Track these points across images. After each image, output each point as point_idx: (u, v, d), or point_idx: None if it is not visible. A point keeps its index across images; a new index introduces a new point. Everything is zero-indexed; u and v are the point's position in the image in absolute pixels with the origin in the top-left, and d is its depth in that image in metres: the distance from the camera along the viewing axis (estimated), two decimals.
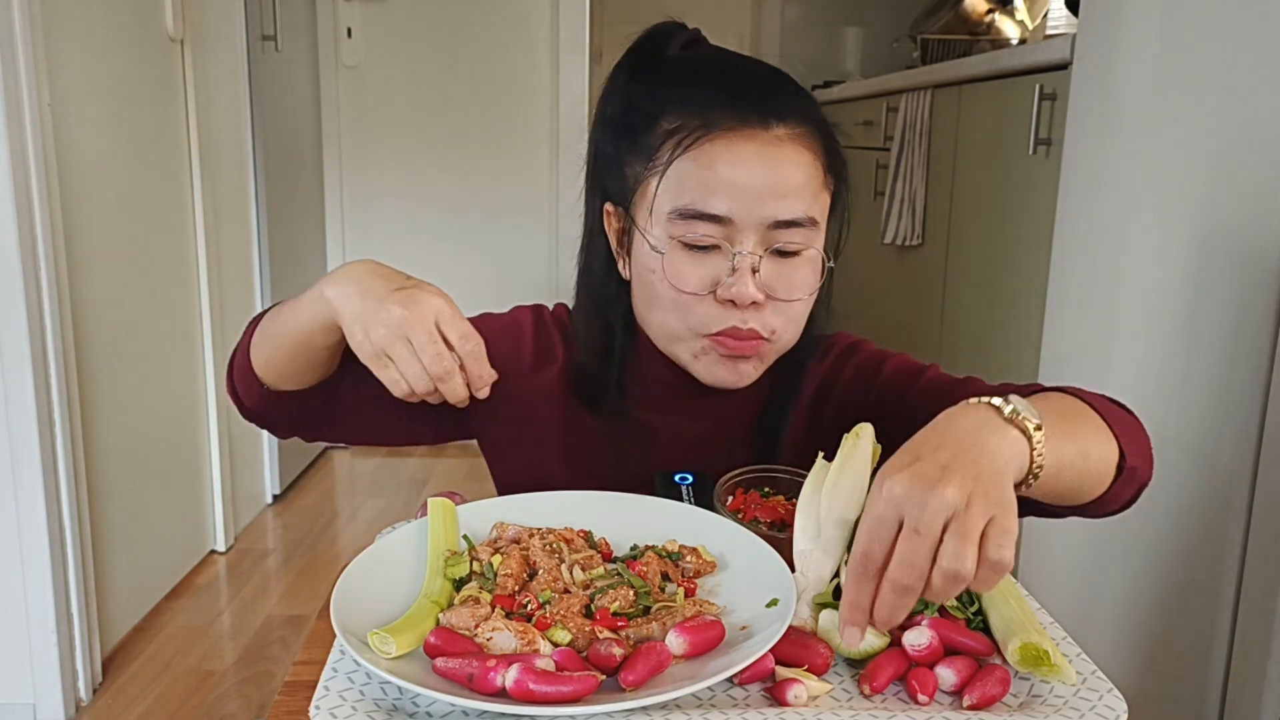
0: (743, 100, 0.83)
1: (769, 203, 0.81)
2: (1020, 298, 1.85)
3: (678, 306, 0.85)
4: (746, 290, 0.82)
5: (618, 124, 0.89)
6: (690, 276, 0.83)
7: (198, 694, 1.95)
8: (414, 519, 0.82)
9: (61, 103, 1.84)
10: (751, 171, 0.81)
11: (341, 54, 3.28)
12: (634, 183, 0.87)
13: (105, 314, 2.02)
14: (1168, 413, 1.55)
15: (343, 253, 3.38)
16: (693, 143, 0.82)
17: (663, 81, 0.87)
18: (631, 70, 0.90)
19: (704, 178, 0.82)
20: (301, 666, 0.70)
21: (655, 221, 0.85)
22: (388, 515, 2.76)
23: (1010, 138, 1.91)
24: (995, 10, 3.10)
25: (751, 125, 0.82)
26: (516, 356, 0.95)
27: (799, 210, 0.82)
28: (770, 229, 0.82)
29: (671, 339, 0.88)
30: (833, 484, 0.74)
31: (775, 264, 0.84)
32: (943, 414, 0.66)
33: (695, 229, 0.82)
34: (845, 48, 4.32)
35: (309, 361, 0.87)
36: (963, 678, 0.64)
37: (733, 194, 0.81)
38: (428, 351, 0.76)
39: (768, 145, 0.82)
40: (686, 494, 0.87)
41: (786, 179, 0.82)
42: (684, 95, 0.84)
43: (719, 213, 0.81)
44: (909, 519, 0.59)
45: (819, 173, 0.85)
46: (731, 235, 0.82)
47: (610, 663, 0.63)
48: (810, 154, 0.84)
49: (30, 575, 1.81)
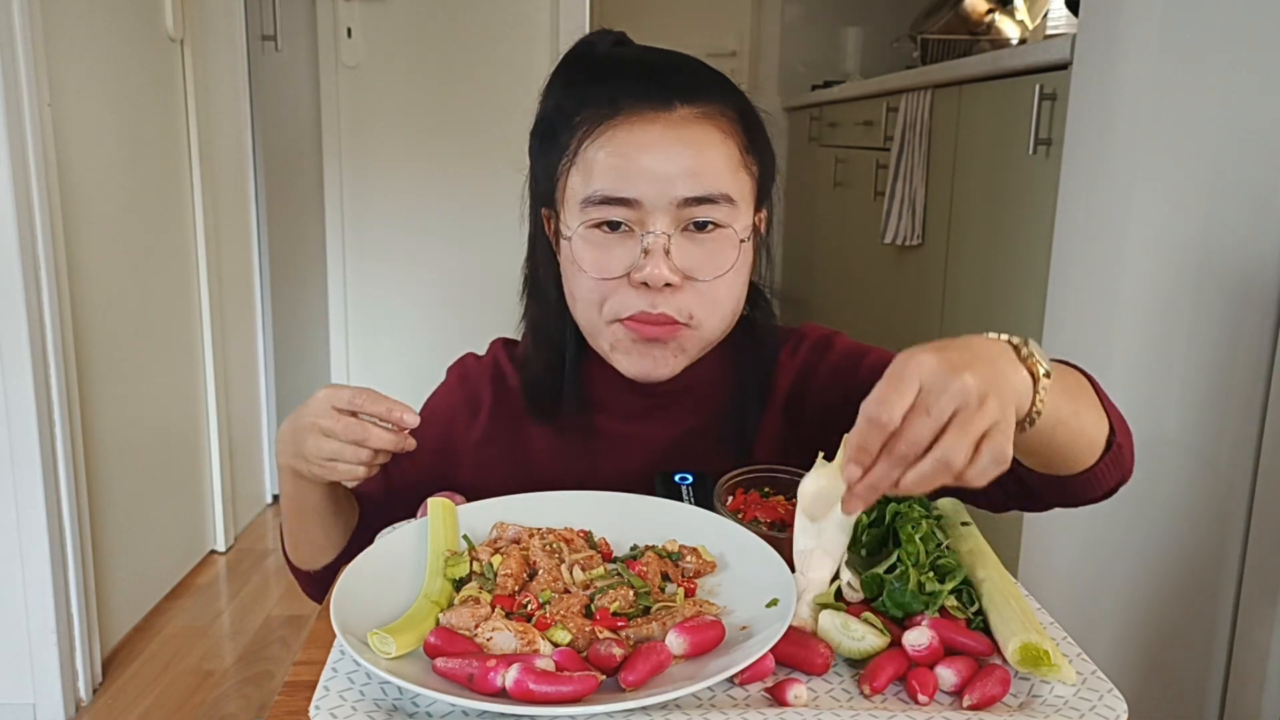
0: (645, 84, 0.83)
1: (677, 181, 0.81)
2: (1020, 298, 1.85)
3: (594, 295, 0.85)
4: (659, 272, 0.81)
5: (543, 128, 0.90)
6: (603, 262, 0.84)
7: (198, 694, 1.95)
8: (414, 519, 0.82)
9: (61, 103, 1.84)
10: (658, 151, 0.81)
11: (341, 54, 3.28)
12: (554, 181, 0.87)
13: (105, 314, 2.02)
14: (1168, 413, 1.55)
15: (342, 252, 3.38)
16: (598, 130, 0.83)
17: (578, 81, 0.88)
18: (557, 77, 0.91)
19: (611, 163, 0.82)
20: (301, 666, 0.70)
21: (570, 212, 0.85)
22: None
23: (1010, 138, 1.91)
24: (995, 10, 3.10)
25: (655, 108, 0.82)
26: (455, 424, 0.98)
27: (710, 187, 0.82)
28: (681, 207, 0.82)
29: (593, 332, 0.88)
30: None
31: (690, 243, 0.83)
32: (961, 337, 0.67)
33: (605, 213, 0.83)
34: (845, 48, 4.31)
35: (321, 525, 0.92)
36: (963, 678, 0.64)
37: (640, 176, 0.81)
38: (334, 427, 0.80)
39: (672, 126, 0.82)
40: (686, 494, 0.87)
41: (694, 156, 0.82)
42: (593, 89, 0.85)
43: (628, 195, 0.82)
44: (927, 394, 0.61)
45: (733, 151, 0.84)
46: (642, 218, 0.82)
47: (610, 663, 0.63)
48: (720, 133, 0.84)
49: (30, 575, 1.81)
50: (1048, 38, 2.50)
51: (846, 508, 0.66)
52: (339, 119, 3.31)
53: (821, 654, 0.66)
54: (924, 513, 0.74)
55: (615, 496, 0.85)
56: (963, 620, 0.69)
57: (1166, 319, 1.54)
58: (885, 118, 2.77)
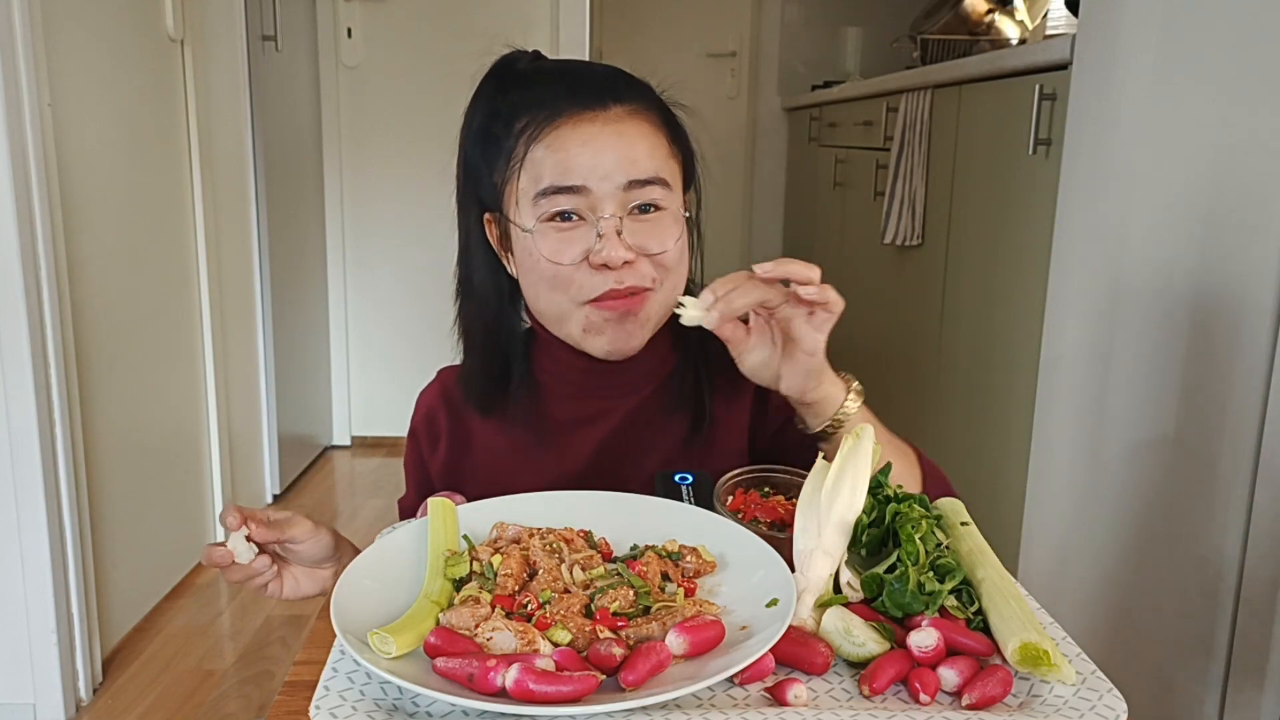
0: (581, 89, 0.92)
1: (619, 167, 0.89)
2: (1020, 298, 1.85)
3: (558, 282, 0.91)
4: (616, 253, 0.88)
5: (482, 137, 0.96)
6: (562, 249, 0.90)
7: (198, 694, 1.95)
8: (414, 519, 0.82)
9: (61, 103, 1.84)
10: (599, 144, 0.89)
11: (341, 54, 3.28)
12: (501, 185, 0.94)
13: (105, 314, 2.02)
14: (1168, 413, 1.55)
15: (342, 252, 3.38)
16: (542, 131, 0.90)
17: (514, 91, 0.95)
18: (488, 90, 0.98)
19: (558, 159, 0.89)
20: (301, 666, 0.70)
21: (523, 210, 0.91)
22: (388, 515, 2.76)
23: (1010, 138, 1.91)
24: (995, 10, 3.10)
25: (593, 108, 0.91)
26: (425, 455, 1.06)
27: (650, 170, 0.90)
28: (626, 190, 0.89)
29: (561, 319, 0.94)
30: (833, 484, 0.74)
31: (638, 223, 0.90)
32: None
33: (558, 203, 0.89)
34: (845, 48, 4.32)
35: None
36: (965, 678, 0.64)
37: (586, 166, 0.89)
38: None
39: (610, 121, 0.90)
40: (686, 494, 0.88)
41: (632, 145, 0.90)
42: (532, 97, 0.93)
43: (576, 183, 0.89)
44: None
45: (663, 142, 0.93)
46: (593, 205, 0.89)
47: (610, 663, 0.63)
48: (650, 126, 0.93)
49: (30, 575, 1.81)
50: (1048, 38, 2.50)
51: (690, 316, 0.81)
52: (339, 119, 3.31)
53: (821, 654, 0.66)
54: (924, 513, 0.74)
55: (615, 496, 0.85)
56: (963, 620, 0.69)
57: (1166, 319, 1.54)
58: (885, 118, 2.77)
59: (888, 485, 0.76)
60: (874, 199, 2.73)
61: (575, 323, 0.93)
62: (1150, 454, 1.57)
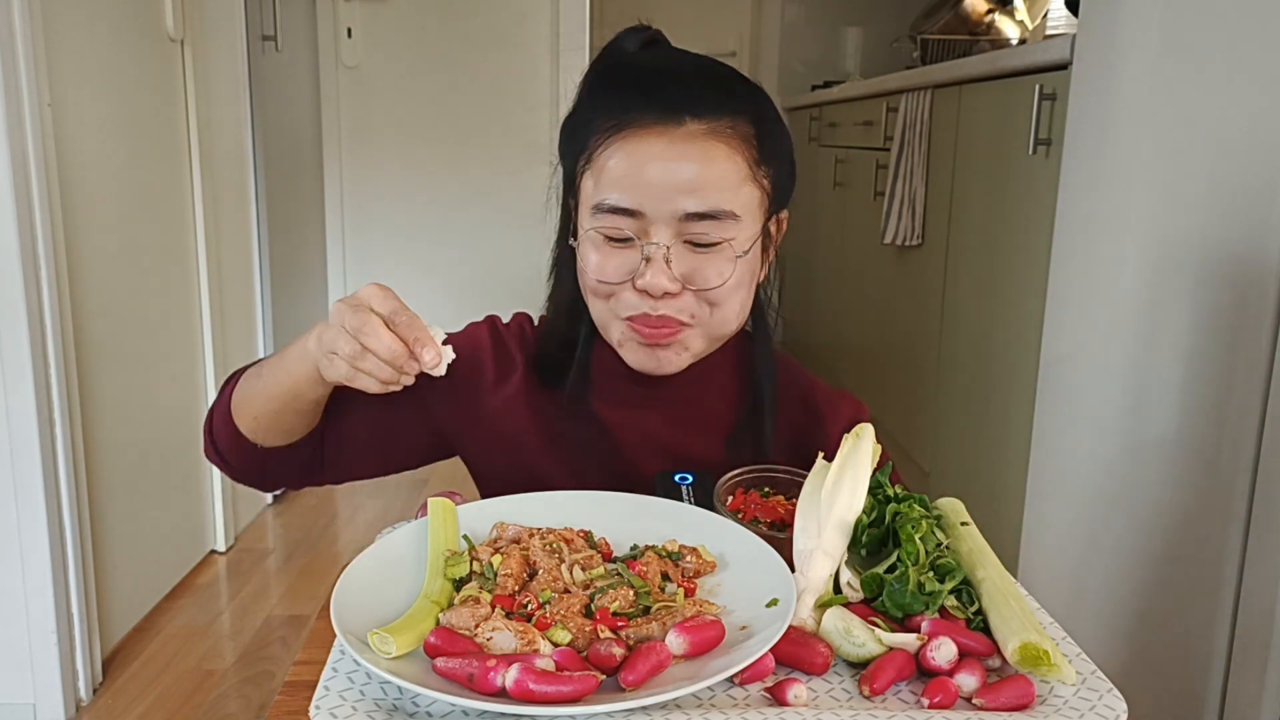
0: (656, 97, 0.85)
1: (677, 197, 0.84)
2: (1020, 298, 1.85)
3: (602, 294, 0.89)
4: (658, 281, 0.85)
5: (570, 125, 0.92)
6: (607, 267, 0.87)
7: (198, 694, 1.95)
8: (414, 519, 0.82)
9: (61, 103, 1.84)
10: (663, 165, 0.84)
11: (341, 54, 3.28)
12: (577, 178, 0.91)
13: (105, 314, 2.02)
14: (1168, 412, 1.55)
15: (342, 252, 3.38)
16: (611, 138, 0.86)
17: (604, 84, 0.91)
18: (590, 74, 0.93)
19: (617, 174, 0.85)
20: (301, 666, 0.70)
21: (584, 212, 0.89)
22: (388, 515, 2.76)
23: (1010, 138, 1.91)
24: (995, 10, 3.10)
25: (663, 122, 0.84)
26: (480, 375, 0.97)
27: (710, 203, 0.84)
28: (682, 221, 0.85)
29: (603, 325, 0.92)
30: (833, 484, 0.74)
31: (690, 254, 0.86)
32: None
33: (609, 222, 0.86)
34: (845, 48, 4.32)
35: (297, 414, 0.89)
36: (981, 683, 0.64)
37: (642, 189, 0.84)
38: (362, 328, 0.74)
39: (677, 141, 0.84)
40: (686, 494, 0.88)
41: (696, 173, 0.84)
42: (613, 95, 0.88)
43: (629, 206, 0.85)
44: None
45: (740, 165, 0.86)
46: (645, 227, 0.85)
47: (610, 663, 0.63)
48: (727, 148, 0.85)
49: (30, 575, 1.81)
50: (1047, 38, 2.50)
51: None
52: (339, 119, 3.31)
53: (821, 654, 0.66)
54: (924, 513, 0.74)
55: (615, 496, 0.85)
56: (963, 620, 0.69)
57: (1166, 318, 1.54)
58: (885, 118, 2.77)
59: (888, 485, 0.76)
60: (874, 199, 2.73)
61: (614, 334, 0.91)
62: (1150, 453, 1.57)
